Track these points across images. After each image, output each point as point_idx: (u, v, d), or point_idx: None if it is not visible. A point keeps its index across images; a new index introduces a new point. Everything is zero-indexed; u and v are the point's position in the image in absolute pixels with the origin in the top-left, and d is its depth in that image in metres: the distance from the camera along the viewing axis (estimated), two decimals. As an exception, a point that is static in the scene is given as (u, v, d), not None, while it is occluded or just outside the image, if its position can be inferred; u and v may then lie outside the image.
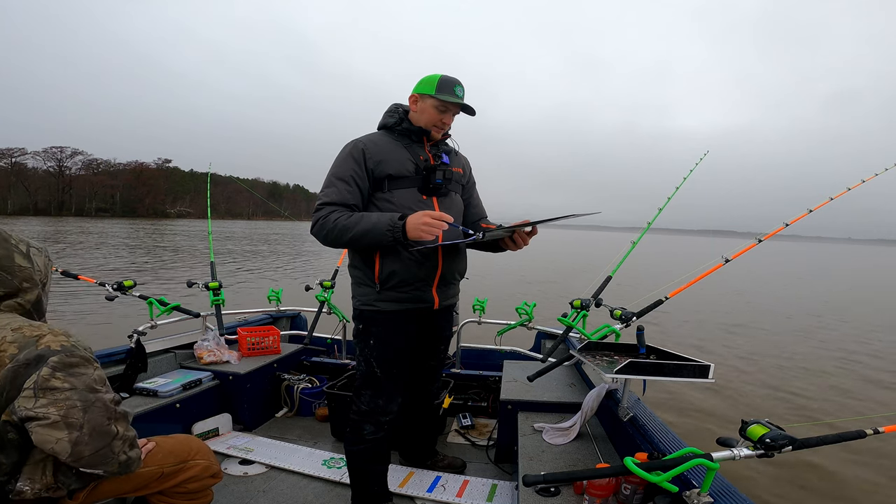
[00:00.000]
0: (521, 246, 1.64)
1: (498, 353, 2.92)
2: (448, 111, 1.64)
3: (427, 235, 1.43)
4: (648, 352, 1.69)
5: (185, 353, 2.66)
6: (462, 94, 1.63)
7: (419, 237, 1.44)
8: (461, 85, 1.63)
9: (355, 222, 1.50)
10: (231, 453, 2.20)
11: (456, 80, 1.62)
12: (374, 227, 1.48)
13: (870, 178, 2.14)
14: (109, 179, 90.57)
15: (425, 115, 1.64)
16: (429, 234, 1.42)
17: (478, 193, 1.95)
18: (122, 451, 1.10)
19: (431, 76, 1.62)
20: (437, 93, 1.59)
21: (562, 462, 1.62)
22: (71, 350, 1.04)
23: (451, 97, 1.60)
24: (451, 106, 1.63)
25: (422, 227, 1.42)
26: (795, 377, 5.43)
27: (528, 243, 1.64)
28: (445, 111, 1.63)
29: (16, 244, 1.13)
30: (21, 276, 1.11)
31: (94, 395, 1.05)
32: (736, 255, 2.00)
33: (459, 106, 1.64)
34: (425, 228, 1.42)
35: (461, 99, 1.63)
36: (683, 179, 2.67)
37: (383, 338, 1.66)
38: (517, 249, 1.66)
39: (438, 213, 1.44)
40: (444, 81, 1.60)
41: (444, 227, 1.44)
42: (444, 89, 1.60)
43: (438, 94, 1.59)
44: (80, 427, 1.01)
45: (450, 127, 1.71)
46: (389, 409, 1.71)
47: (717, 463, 1.05)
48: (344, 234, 1.51)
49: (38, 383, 0.99)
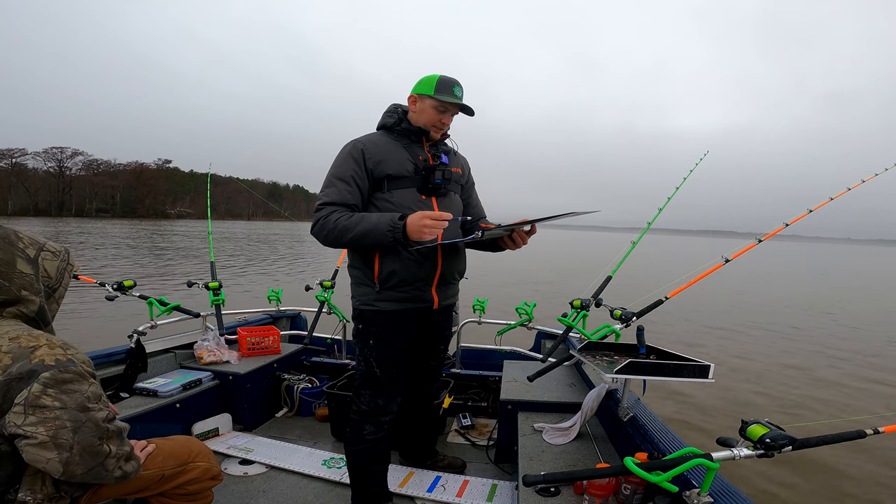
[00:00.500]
0: (520, 245, 1.64)
1: (498, 353, 2.92)
2: (447, 111, 1.64)
3: (428, 235, 1.43)
4: (648, 352, 1.69)
5: (185, 353, 2.66)
6: (461, 94, 1.63)
7: (420, 237, 1.44)
8: (460, 85, 1.63)
9: (356, 223, 1.50)
10: (231, 453, 2.20)
11: (454, 80, 1.62)
12: (375, 227, 1.48)
13: (870, 178, 2.14)
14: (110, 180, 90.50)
15: (424, 116, 1.64)
16: (430, 235, 1.43)
17: (477, 194, 1.95)
18: (117, 467, 1.08)
19: (430, 76, 1.62)
20: (436, 93, 1.60)
21: (562, 462, 1.62)
22: (65, 366, 1.01)
23: (449, 97, 1.60)
24: (450, 106, 1.63)
25: (423, 227, 1.42)
26: (796, 377, 5.43)
27: (528, 242, 1.64)
28: (444, 111, 1.63)
29: (24, 248, 1.09)
30: (20, 283, 1.07)
31: (86, 414, 1.01)
32: (736, 255, 2.00)
33: (458, 106, 1.64)
34: (426, 229, 1.42)
35: (460, 99, 1.63)
36: (683, 179, 2.67)
37: (383, 338, 1.66)
38: (516, 248, 1.66)
39: (438, 213, 1.44)
40: (442, 82, 1.60)
41: (444, 225, 1.44)
42: (442, 90, 1.60)
43: (437, 95, 1.60)
44: (69, 448, 0.98)
45: (449, 127, 1.71)
46: (389, 409, 1.71)
47: (717, 463, 1.05)
48: (344, 234, 1.51)
49: (28, 400, 0.96)
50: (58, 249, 1.17)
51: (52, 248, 1.15)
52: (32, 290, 1.09)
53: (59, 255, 1.16)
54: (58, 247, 1.17)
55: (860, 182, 2.13)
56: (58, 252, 1.16)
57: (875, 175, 2.11)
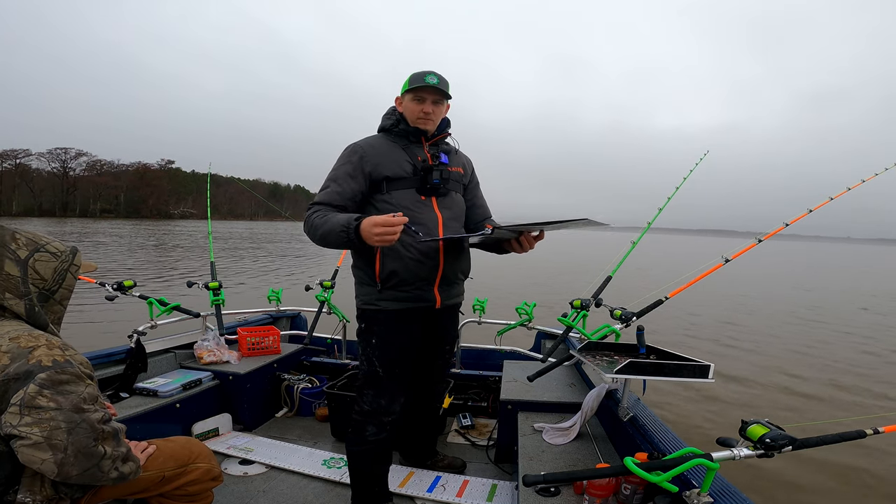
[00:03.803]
0: (526, 249, 1.64)
1: (498, 353, 2.92)
2: (424, 100, 1.64)
3: (380, 243, 1.38)
4: (648, 352, 1.69)
5: (185, 353, 2.66)
6: (435, 80, 1.62)
7: (373, 244, 1.40)
8: (433, 73, 1.63)
9: (323, 222, 1.51)
10: (231, 453, 2.20)
11: (428, 71, 1.63)
12: (333, 227, 1.47)
13: (870, 178, 2.14)
14: (113, 180, 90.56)
15: (408, 112, 1.66)
16: (382, 242, 1.38)
17: (482, 193, 1.94)
18: (113, 468, 1.07)
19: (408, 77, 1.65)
20: (411, 85, 1.63)
21: (562, 462, 1.62)
22: (62, 367, 1.00)
23: (420, 83, 1.61)
24: (425, 94, 1.63)
25: (375, 237, 1.37)
26: (795, 377, 5.42)
27: (534, 247, 1.64)
28: (423, 101, 1.64)
29: (16, 249, 1.08)
30: (4, 286, 1.06)
31: (81, 415, 1.01)
32: (736, 255, 1.99)
33: (431, 89, 1.62)
34: (378, 239, 1.37)
35: (433, 83, 1.61)
36: (683, 179, 2.67)
37: (385, 337, 1.66)
38: (522, 252, 1.66)
39: (388, 218, 1.36)
40: (415, 76, 1.64)
41: (398, 230, 1.37)
42: (415, 81, 1.62)
43: (411, 86, 1.62)
44: (63, 449, 0.98)
45: (439, 118, 1.70)
46: (392, 410, 1.71)
47: (717, 463, 1.05)
48: (315, 232, 1.53)
49: (24, 401, 0.96)
50: (60, 250, 1.15)
51: (54, 249, 1.13)
52: (17, 293, 1.07)
53: (59, 256, 1.14)
54: (60, 247, 1.16)
55: (860, 182, 2.13)
56: (59, 252, 1.14)
57: (875, 175, 2.11)
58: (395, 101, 1.72)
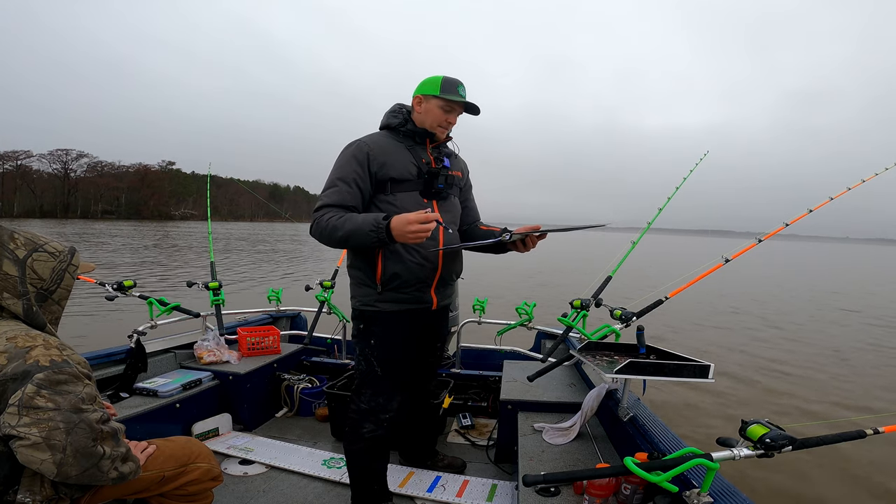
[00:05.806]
0: (529, 248, 1.65)
1: (498, 353, 2.92)
2: (453, 111, 1.65)
3: (417, 241, 1.42)
4: (648, 352, 1.69)
5: (185, 353, 2.66)
6: (465, 93, 1.65)
7: (406, 242, 1.44)
8: (463, 85, 1.64)
9: (343, 223, 1.50)
10: (231, 453, 2.20)
11: (458, 80, 1.64)
12: (359, 227, 1.47)
13: (870, 178, 2.14)
14: (114, 182, 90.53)
15: (430, 116, 1.65)
16: (416, 239, 1.41)
17: (473, 196, 1.96)
18: (112, 468, 1.07)
19: (434, 77, 1.63)
20: (442, 93, 1.61)
21: (562, 462, 1.62)
22: (60, 367, 1.00)
23: (455, 96, 1.62)
24: (456, 105, 1.64)
25: (409, 234, 1.40)
26: (795, 377, 5.42)
27: (536, 245, 1.65)
28: (451, 111, 1.65)
29: (14, 249, 1.08)
30: (1, 285, 1.06)
31: (79, 415, 1.01)
32: (736, 255, 2.00)
33: (463, 104, 1.65)
34: (412, 236, 1.40)
35: (464, 98, 1.64)
36: (683, 180, 2.67)
37: (384, 337, 1.67)
38: (525, 251, 1.67)
39: (422, 215, 1.40)
40: (447, 82, 1.62)
41: (432, 227, 1.41)
42: (448, 89, 1.61)
43: (443, 94, 1.61)
44: (62, 449, 0.98)
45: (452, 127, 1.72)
46: (389, 407, 1.71)
47: (717, 463, 1.05)
48: (334, 234, 1.51)
49: (22, 401, 0.96)
50: (58, 250, 1.15)
51: (52, 249, 1.13)
52: (14, 292, 1.07)
53: (57, 256, 1.14)
54: (59, 246, 1.16)
55: (860, 182, 2.13)
56: (57, 252, 1.14)
57: (875, 175, 2.11)
58: (413, 101, 1.68)
